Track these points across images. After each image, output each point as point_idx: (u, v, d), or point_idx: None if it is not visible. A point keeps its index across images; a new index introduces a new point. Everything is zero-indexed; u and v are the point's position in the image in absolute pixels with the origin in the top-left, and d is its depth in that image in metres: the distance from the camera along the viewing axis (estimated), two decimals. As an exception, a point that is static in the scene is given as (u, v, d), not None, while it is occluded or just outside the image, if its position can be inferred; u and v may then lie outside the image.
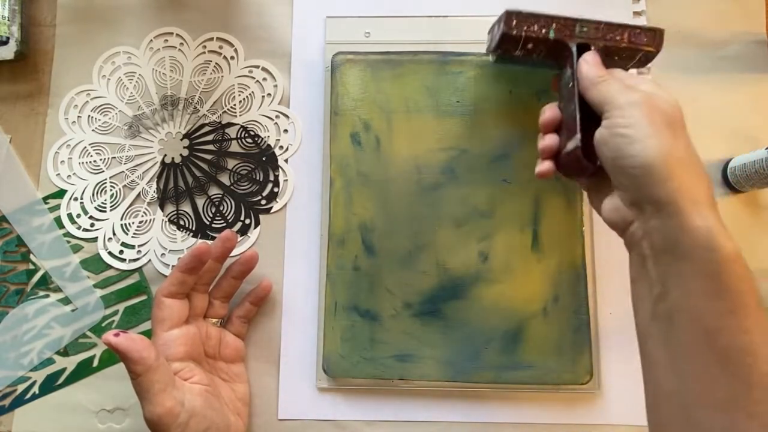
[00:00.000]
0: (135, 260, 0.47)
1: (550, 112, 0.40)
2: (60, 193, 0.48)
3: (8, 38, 0.48)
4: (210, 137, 0.48)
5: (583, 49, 0.39)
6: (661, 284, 0.32)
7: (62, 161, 0.48)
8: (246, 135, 0.48)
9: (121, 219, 0.47)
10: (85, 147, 0.48)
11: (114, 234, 0.47)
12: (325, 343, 0.44)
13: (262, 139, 0.48)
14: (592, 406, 0.44)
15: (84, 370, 0.46)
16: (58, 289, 0.47)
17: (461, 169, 0.46)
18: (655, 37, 0.40)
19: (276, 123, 0.48)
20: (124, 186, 0.48)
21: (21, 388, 0.45)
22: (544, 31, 0.40)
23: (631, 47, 0.40)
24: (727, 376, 0.29)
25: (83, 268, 0.47)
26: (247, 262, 0.44)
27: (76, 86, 0.49)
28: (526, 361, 0.43)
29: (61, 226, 0.47)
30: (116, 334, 0.36)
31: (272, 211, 0.47)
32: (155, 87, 0.49)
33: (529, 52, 0.41)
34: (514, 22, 0.40)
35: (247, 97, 0.49)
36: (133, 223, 0.47)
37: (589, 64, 0.38)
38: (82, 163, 0.48)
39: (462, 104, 0.46)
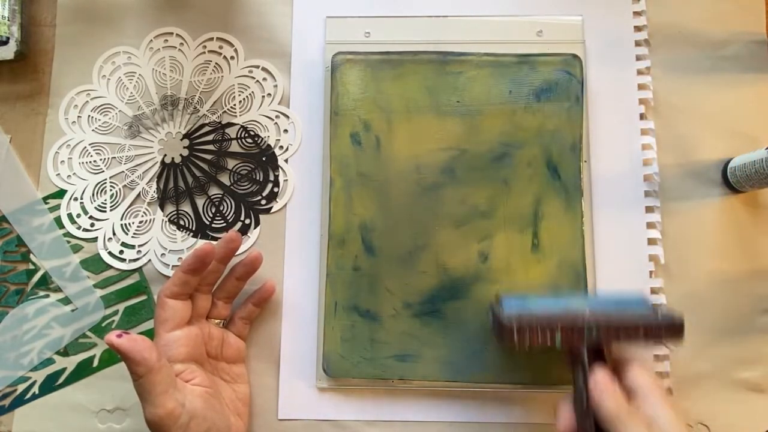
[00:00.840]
0: (135, 260, 0.47)
1: (564, 420, 0.36)
2: (60, 193, 0.48)
3: (8, 38, 0.48)
4: (210, 137, 0.48)
5: (595, 353, 0.37)
6: None
7: (62, 161, 0.48)
8: (246, 135, 0.48)
9: (121, 219, 0.47)
10: (85, 147, 0.48)
11: (114, 234, 0.47)
12: (325, 343, 0.44)
13: (262, 139, 0.48)
14: (592, 406, 0.44)
15: (84, 370, 0.46)
16: (58, 289, 0.47)
17: (461, 169, 0.46)
18: (674, 330, 0.37)
19: (276, 123, 0.48)
20: (124, 186, 0.48)
21: (21, 388, 0.45)
22: (549, 341, 0.37)
23: (649, 342, 0.38)
24: None
25: (83, 268, 0.47)
26: (252, 263, 0.44)
27: (76, 86, 0.49)
28: (525, 361, 0.43)
29: (61, 226, 0.47)
30: (119, 335, 0.36)
31: (272, 211, 0.47)
32: (155, 87, 0.49)
33: (535, 348, 0.37)
34: (516, 336, 0.37)
35: (247, 97, 0.49)
36: (133, 223, 0.47)
37: (602, 394, 0.35)
38: (82, 163, 0.48)
39: (462, 104, 0.46)
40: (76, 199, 0.48)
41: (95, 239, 0.47)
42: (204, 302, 0.42)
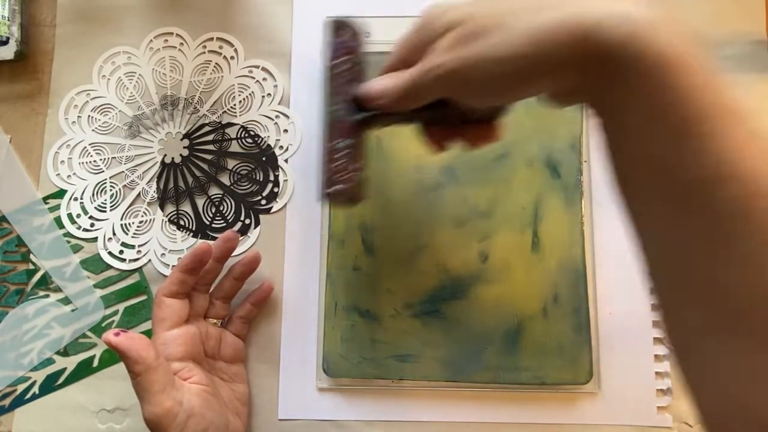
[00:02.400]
0: (135, 260, 0.47)
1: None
2: (60, 193, 0.48)
3: (8, 38, 0.48)
4: (210, 137, 0.48)
5: None
6: (610, 140, 0.26)
7: (62, 161, 0.48)
8: (246, 135, 0.48)
9: (121, 219, 0.47)
10: (85, 147, 0.48)
11: (114, 234, 0.47)
12: (325, 343, 0.44)
13: (262, 139, 0.48)
14: (592, 406, 0.44)
15: (84, 370, 0.46)
16: (58, 289, 0.47)
17: (461, 169, 0.46)
18: None
19: (276, 123, 0.48)
20: (124, 186, 0.48)
21: (21, 388, 0.45)
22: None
23: None
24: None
25: (83, 268, 0.47)
26: (250, 263, 0.44)
27: (76, 86, 0.49)
28: (525, 361, 0.43)
29: (61, 226, 0.47)
30: (116, 334, 0.36)
31: (272, 211, 0.47)
32: (155, 87, 0.49)
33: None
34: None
35: (247, 97, 0.49)
36: (133, 223, 0.47)
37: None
38: (82, 163, 0.48)
39: (462, 104, 0.46)
40: (76, 199, 0.48)
41: (95, 239, 0.47)
42: (202, 301, 0.42)
